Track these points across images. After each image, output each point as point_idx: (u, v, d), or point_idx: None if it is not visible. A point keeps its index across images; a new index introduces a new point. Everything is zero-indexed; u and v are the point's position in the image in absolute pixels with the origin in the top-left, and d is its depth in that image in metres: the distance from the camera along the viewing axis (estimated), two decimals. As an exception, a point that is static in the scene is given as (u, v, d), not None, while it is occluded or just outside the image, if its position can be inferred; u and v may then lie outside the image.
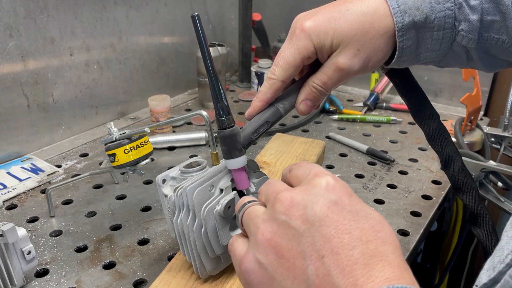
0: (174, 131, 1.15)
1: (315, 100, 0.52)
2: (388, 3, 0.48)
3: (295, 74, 0.52)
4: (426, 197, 0.87)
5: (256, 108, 0.52)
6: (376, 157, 1.01)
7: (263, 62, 1.38)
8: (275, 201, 0.37)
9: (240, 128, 0.51)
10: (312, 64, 0.52)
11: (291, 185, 0.41)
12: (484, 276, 0.34)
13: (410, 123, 1.21)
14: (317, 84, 0.51)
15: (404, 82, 0.59)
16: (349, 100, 1.36)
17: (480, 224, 0.59)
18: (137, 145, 0.69)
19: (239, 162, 0.51)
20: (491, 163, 0.82)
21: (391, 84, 1.32)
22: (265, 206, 0.40)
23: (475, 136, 1.07)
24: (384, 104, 1.29)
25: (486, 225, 0.59)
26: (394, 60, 0.51)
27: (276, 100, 0.53)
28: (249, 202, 0.42)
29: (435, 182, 0.93)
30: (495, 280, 0.33)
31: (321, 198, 0.35)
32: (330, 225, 0.33)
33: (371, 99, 1.28)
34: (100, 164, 0.98)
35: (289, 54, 0.50)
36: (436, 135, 0.60)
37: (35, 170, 0.94)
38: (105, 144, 0.70)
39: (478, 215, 0.59)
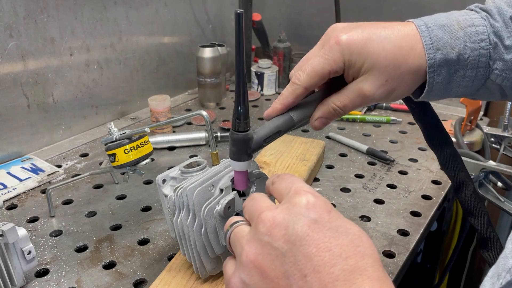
0: (174, 131, 1.15)
1: (330, 119, 0.52)
2: (422, 39, 0.48)
3: (320, 83, 0.51)
4: (426, 197, 0.87)
5: (276, 110, 0.52)
6: (376, 157, 1.01)
7: (263, 62, 1.38)
8: (258, 221, 0.38)
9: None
10: (334, 78, 0.52)
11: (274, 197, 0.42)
12: (487, 284, 0.34)
13: (410, 123, 1.21)
14: (337, 105, 0.51)
15: (420, 108, 0.59)
16: (349, 100, 1.36)
17: (490, 248, 0.59)
18: (137, 145, 0.69)
19: (244, 165, 0.51)
20: (491, 163, 0.82)
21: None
22: (250, 224, 0.41)
23: (475, 136, 1.07)
24: (384, 104, 1.29)
25: (495, 249, 0.59)
26: (423, 94, 0.51)
27: (292, 108, 0.52)
28: (235, 222, 0.43)
29: (435, 182, 0.93)
30: None
31: (302, 217, 0.36)
32: (311, 244, 0.34)
33: (371, 99, 1.28)
34: (100, 164, 0.98)
35: (318, 63, 0.50)
36: (450, 160, 0.60)
37: (35, 170, 0.94)
38: (105, 144, 0.70)
39: (488, 239, 0.59)
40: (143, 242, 0.74)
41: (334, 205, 0.84)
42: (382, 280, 0.33)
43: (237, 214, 0.56)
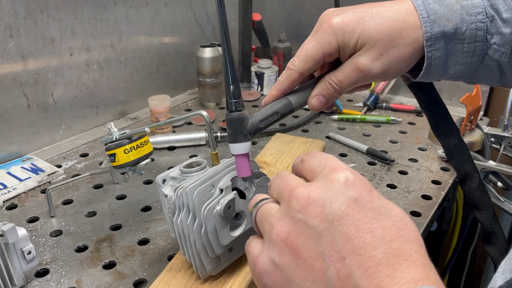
0: (174, 131, 1.15)
1: (329, 97, 0.51)
2: (418, 12, 0.48)
3: (314, 68, 0.51)
4: (426, 197, 0.87)
5: (272, 96, 0.52)
6: (376, 157, 1.01)
7: (263, 62, 1.38)
8: (290, 198, 0.35)
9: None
10: (333, 63, 0.52)
11: (303, 178, 0.39)
12: (499, 279, 0.34)
13: (410, 123, 1.21)
14: (333, 81, 0.50)
15: (427, 96, 0.59)
16: (349, 100, 1.36)
17: (494, 242, 0.59)
18: (137, 145, 0.69)
19: (243, 147, 0.51)
20: (491, 163, 0.82)
21: (391, 84, 1.32)
22: (278, 203, 0.38)
23: (475, 136, 1.07)
24: (384, 104, 1.29)
25: (499, 244, 0.59)
26: (422, 71, 0.50)
27: (290, 93, 0.52)
28: (262, 200, 0.39)
29: (435, 182, 0.93)
30: (511, 283, 0.33)
31: (340, 195, 0.33)
32: (350, 224, 0.32)
33: (371, 99, 1.28)
34: (100, 164, 0.98)
35: (311, 47, 0.50)
36: (456, 151, 0.59)
37: (35, 170, 0.94)
38: (105, 144, 0.70)
39: (492, 233, 0.59)
40: (143, 242, 0.74)
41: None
42: (428, 267, 0.30)
43: (236, 214, 0.56)
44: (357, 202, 0.33)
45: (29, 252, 0.62)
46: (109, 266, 0.69)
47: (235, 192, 0.55)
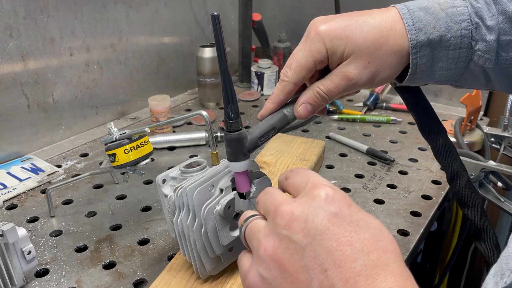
0: (174, 131, 1.15)
1: (315, 106, 0.52)
2: (403, 20, 0.48)
3: (307, 77, 0.51)
4: (426, 197, 0.87)
5: (268, 109, 0.53)
6: (376, 157, 1.01)
7: (263, 62, 1.38)
8: (275, 215, 0.37)
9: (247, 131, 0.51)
10: (322, 72, 0.52)
11: (288, 193, 0.41)
12: (490, 282, 0.34)
13: (410, 123, 1.21)
14: (321, 89, 0.51)
15: (413, 98, 0.59)
16: (349, 100, 1.36)
17: (484, 239, 0.59)
18: (137, 145, 0.69)
19: (242, 165, 0.51)
20: (491, 163, 0.82)
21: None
22: (265, 218, 0.40)
23: (475, 136, 1.07)
24: (384, 104, 1.29)
25: (490, 240, 0.59)
26: (407, 77, 0.51)
27: (284, 106, 0.53)
28: (250, 216, 0.42)
29: (435, 182, 0.93)
30: None
31: (322, 211, 0.35)
32: (331, 238, 0.34)
33: (371, 99, 1.28)
34: (100, 164, 0.98)
35: (302, 56, 0.50)
36: (443, 150, 0.60)
37: (35, 170, 0.94)
38: (105, 144, 0.70)
39: (482, 230, 0.59)
40: (143, 242, 0.74)
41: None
42: (405, 276, 0.32)
43: (236, 214, 0.56)
44: (337, 216, 0.35)
45: (29, 252, 0.62)
46: (109, 266, 0.69)
47: (235, 192, 0.55)
